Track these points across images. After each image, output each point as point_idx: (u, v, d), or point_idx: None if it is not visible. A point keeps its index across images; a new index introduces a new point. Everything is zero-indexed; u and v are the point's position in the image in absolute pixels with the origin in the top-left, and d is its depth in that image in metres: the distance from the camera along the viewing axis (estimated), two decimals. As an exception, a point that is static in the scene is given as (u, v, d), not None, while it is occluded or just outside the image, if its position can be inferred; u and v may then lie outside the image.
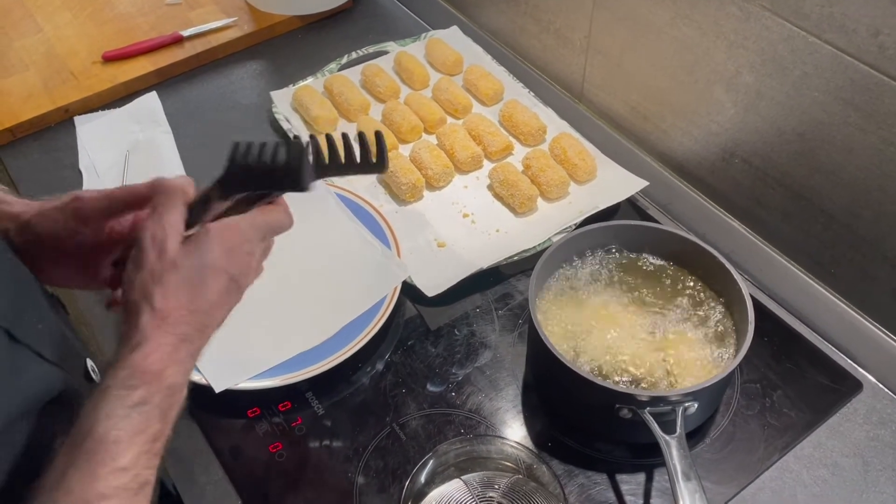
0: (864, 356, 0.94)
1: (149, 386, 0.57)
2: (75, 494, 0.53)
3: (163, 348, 0.58)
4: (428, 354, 0.96)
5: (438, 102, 1.24)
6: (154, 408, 0.57)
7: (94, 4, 1.46)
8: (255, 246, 0.66)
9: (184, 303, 0.60)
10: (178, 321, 0.60)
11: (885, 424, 0.88)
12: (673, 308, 0.90)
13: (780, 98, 0.92)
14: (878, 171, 0.85)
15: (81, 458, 0.54)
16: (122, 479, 0.54)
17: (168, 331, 0.59)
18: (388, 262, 1.01)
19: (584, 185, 1.12)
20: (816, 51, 0.85)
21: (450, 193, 1.13)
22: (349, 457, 0.87)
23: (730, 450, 0.87)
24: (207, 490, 0.86)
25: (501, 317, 1.00)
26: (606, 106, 1.20)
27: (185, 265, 0.60)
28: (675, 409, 0.79)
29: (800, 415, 0.89)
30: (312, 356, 0.92)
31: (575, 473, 0.85)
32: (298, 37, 1.42)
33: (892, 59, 0.78)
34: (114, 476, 0.54)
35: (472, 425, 0.89)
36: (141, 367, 0.57)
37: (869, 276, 0.92)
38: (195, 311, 0.61)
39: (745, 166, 1.01)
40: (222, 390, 0.89)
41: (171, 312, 0.59)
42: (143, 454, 0.56)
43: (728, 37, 0.94)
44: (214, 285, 0.62)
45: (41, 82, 1.30)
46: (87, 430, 0.55)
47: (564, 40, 1.21)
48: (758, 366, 0.93)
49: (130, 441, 0.55)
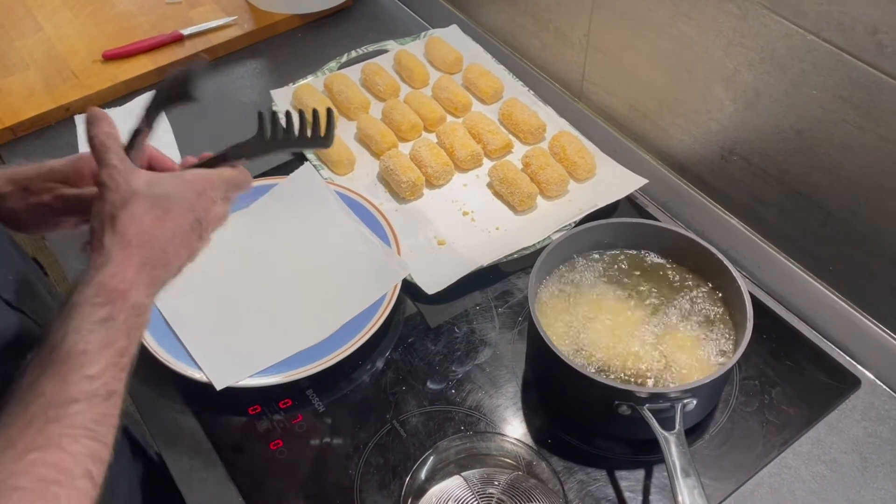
0: (862, 353, 0.94)
1: (114, 304, 0.60)
2: (47, 397, 0.56)
3: (127, 269, 0.61)
4: (428, 352, 0.96)
5: (438, 101, 1.24)
6: (120, 324, 0.60)
7: (94, 3, 1.46)
8: (219, 195, 0.70)
9: (147, 228, 0.63)
10: (141, 245, 0.63)
11: (883, 421, 0.89)
12: (672, 305, 0.90)
13: (778, 96, 0.92)
14: (875, 169, 0.86)
15: (52, 367, 0.57)
16: (91, 385, 0.57)
17: (132, 253, 0.62)
18: (389, 260, 1.01)
19: (583, 183, 1.13)
20: (814, 49, 0.85)
21: (449, 191, 1.13)
22: (350, 454, 0.87)
23: (728, 446, 0.87)
24: (208, 487, 0.86)
25: (501, 314, 1.00)
26: (606, 104, 1.20)
27: (150, 194, 0.64)
28: (673, 406, 0.79)
29: (798, 411, 0.89)
30: (313, 354, 0.93)
31: (574, 470, 0.85)
32: (298, 35, 1.42)
33: (890, 57, 0.79)
34: (84, 382, 0.57)
35: (472, 422, 0.90)
36: (107, 286, 0.60)
37: (867, 273, 0.93)
38: (157, 237, 0.64)
39: (743, 164, 1.01)
40: (223, 388, 0.89)
41: (135, 237, 0.62)
42: (110, 366, 0.59)
43: (727, 35, 0.94)
44: (179, 219, 0.65)
45: (42, 81, 1.31)
46: (57, 342, 0.58)
47: (564, 39, 1.21)
48: (756, 363, 0.94)
49: (98, 353, 0.58)
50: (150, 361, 0.92)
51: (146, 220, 0.63)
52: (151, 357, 0.92)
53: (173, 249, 0.65)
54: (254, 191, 1.09)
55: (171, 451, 0.89)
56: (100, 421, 0.57)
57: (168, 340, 0.94)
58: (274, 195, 1.09)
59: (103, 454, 0.57)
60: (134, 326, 0.61)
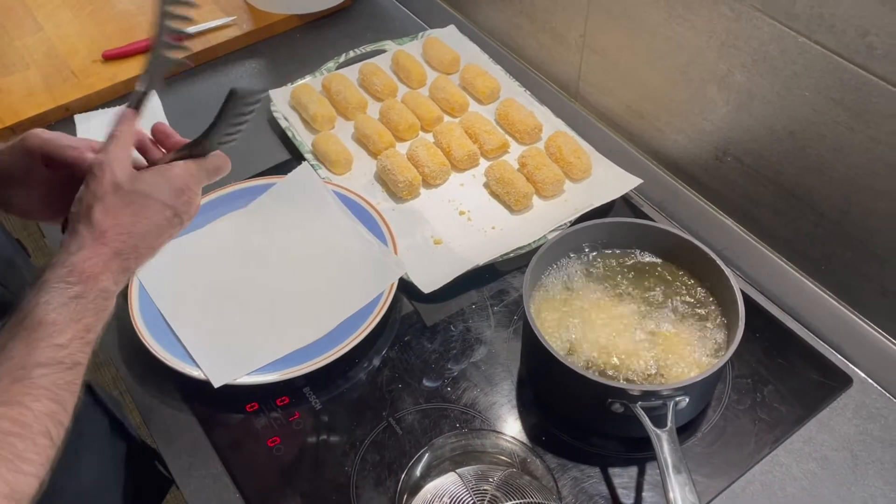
0: (853, 352, 0.95)
1: (85, 284, 0.63)
2: (15, 360, 0.59)
3: (99, 257, 0.65)
4: (424, 350, 0.97)
5: (435, 101, 1.25)
6: (89, 303, 0.63)
7: (94, 3, 1.47)
8: (200, 186, 0.73)
9: (122, 223, 0.66)
10: (114, 238, 0.66)
11: (874, 419, 0.90)
12: (665, 304, 0.91)
13: (771, 97, 0.93)
14: (866, 170, 0.87)
15: (23, 332, 0.60)
16: (58, 353, 0.61)
17: (104, 243, 0.65)
18: (385, 259, 1.02)
19: (579, 182, 1.14)
20: (806, 51, 0.86)
21: (446, 191, 1.14)
22: (346, 451, 0.88)
23: (721, 444, 0.88)
24: (206, 484, 0.87)
25: (497, 313, 1.01)
26: (601, 104, 1.21)
27: (129, 190, 0.67)
28: (666, 404, 0.80)
29: (790, 409, 0.90)
30: (310, 352, 0.94)
31: (568, 467, 0.86)
32: (297, 36, 1.43)
33: (880, 60, 0.79)
34: (51, 350, 0.60)
35: (467, 420, 0.91)
36: (80, 268, 0.64)
37: (858, 272, 0.93)
38: (132, 233, 0.67)
39: (737, 164, 1.02)
40: (221, 385, 0.90)
41: (109, 229, 0.65)
42: (77, 338, 0.62)
43: (720, 37, 0.95)
44: (156, 216, 0.68)
45: (42, 81, 1.32)
46: (28, 312, 0.61)
47: (560, 39, 1.22)
48: (749, 361, 0.94)
49: (67, 325, 0.62)
50: (149, 359, 0.92)
51: (122, 215, 0.66)
52: (150, 355, 0.92)
53: (146, 243, 0.68)
54: (251, 190, 1.10)
55: (169, 447, 0.90)
56: (62, 387, 0.61)
57: (166, 338, 0.95)
58: (272, 195, 1.10)
59: (62, 418, 0.60)
60: (101, 308, 0.65)
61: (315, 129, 1.21)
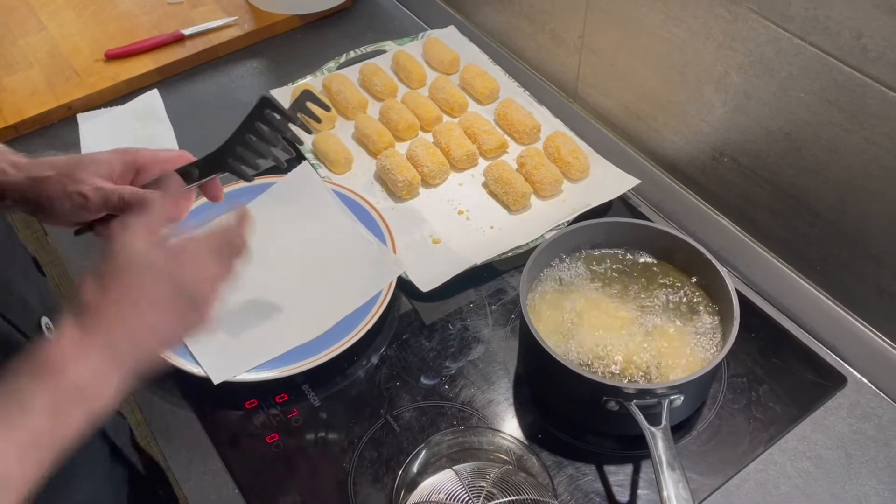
0: (848, 352, 0.96)
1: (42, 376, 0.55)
2: None
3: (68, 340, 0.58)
4: (422, 348, 0.98)
5: (435, 101, 1.25)
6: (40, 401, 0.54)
7: (96, 3, 1.48)
8: (208, 257, 0.68)
9: (113, 297, 0.60)
10: (97, 314, 0.59)
11: (868, 418, 0.90)
12: (662, 303, 0.92)
13: (767, 98, 0.94)
14: (862, 171, 0.87)
15: None
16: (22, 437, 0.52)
17: (84, 322, 0.59)
18: (384, 257, 1.03)
19: (577, 183, 1.14)
20: (801, 52, 0.87)
21: (445, 191, 1.15)
22: (344, 448, 0.89)
23: (716, 442, 0.89)
24: (205, 480, 0.88)
25: (494, 312, 1.02)
26: (600, 105, 1.22)
27: (125, 262, 0.62)
28: (660, 402, 0.81)
29: (785, 409, 0.91)
30: (309, 349, 0.94)
31: (564, 464, 0.87)
32: (298, 36, 1.44)
33: (875, 61, 0.80)
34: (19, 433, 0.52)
35: (464, 417, 0.91)
36: (41, 355, 0.56)
37: (854, 273, 0.94)
38: (120, 302, 0.60)
39: (733, 165, 1.03)
40: (220, 382, 0.91)
41: (93, 303, 0.60)
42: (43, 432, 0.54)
43: (717, 38, 0.96)
44: (152, 287, 0.62)
45: (45, 80, 1.33)
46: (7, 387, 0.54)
47: (559, 40, 1.23)
48: (744, 361, 0.95)
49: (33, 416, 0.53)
50: (150, 356, 0.93)
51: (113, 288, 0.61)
52: (150, 352, 0.93)
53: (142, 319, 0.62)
54: (251, 189, 1.11)
55: (169, 444, 0.91)
56: None
57: (167, 336, 0.95)
58: (272, 193, 1.11)
59: None
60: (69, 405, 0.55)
61: (315, 129, 1.22)
